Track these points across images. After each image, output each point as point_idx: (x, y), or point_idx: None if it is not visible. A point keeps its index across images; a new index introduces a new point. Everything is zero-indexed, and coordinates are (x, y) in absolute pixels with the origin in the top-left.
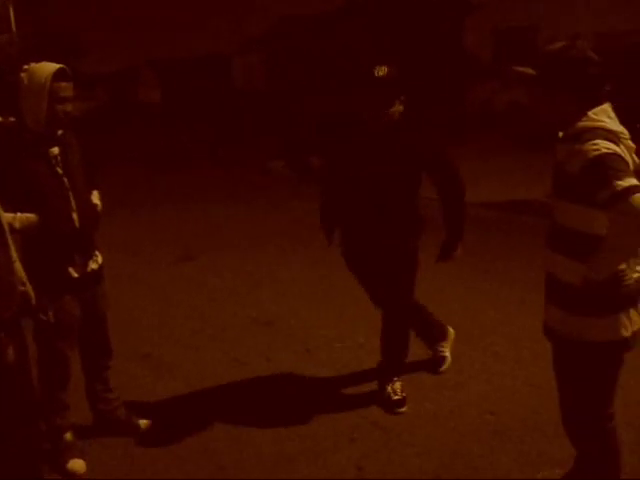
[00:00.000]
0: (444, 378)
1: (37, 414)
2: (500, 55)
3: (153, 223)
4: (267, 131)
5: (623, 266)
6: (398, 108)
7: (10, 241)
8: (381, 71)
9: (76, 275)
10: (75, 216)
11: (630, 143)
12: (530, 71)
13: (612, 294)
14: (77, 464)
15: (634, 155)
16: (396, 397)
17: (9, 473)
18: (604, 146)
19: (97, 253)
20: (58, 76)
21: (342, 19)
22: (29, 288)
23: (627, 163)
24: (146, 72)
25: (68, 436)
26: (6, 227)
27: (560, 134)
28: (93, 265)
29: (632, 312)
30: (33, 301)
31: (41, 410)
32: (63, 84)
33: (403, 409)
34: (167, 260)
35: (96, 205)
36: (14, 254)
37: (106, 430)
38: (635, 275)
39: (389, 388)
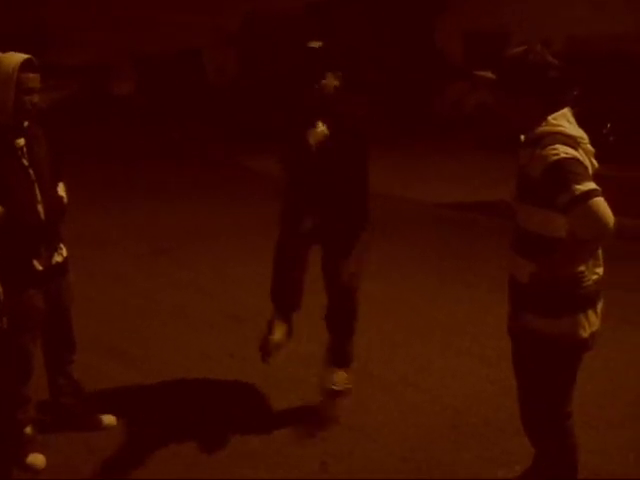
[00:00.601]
0: (407, 375)
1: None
2: (471, 56)
3: (123, 216)
4: (241, 125)
5: (582, 268)
6: (332, 82)
7: None
8: (315, 44)
9: (41, 268)
10: (40, 208)
11: (589, 147)
12: (491, 75)
13: (571, 295)
14: (37, 459)
15: (593, 159)
16: (336, 388)
17: None
18: (563, 151)
19: (62, 246)
20: (25, 67)
21: (311, 16)
22: None
23: (586, 167)
24: (120, 65)
25: (28, 430)
26: None
27: (522, 138)
28: (58, 258)
29: (590, 313)
30: (1, 296)
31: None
32: (30, 75)
33: (344, 401)
34: (138, 254)
35: (62, 197)
36: None
37: (68, 424)
38: (594, 277)
39: (333, 377)
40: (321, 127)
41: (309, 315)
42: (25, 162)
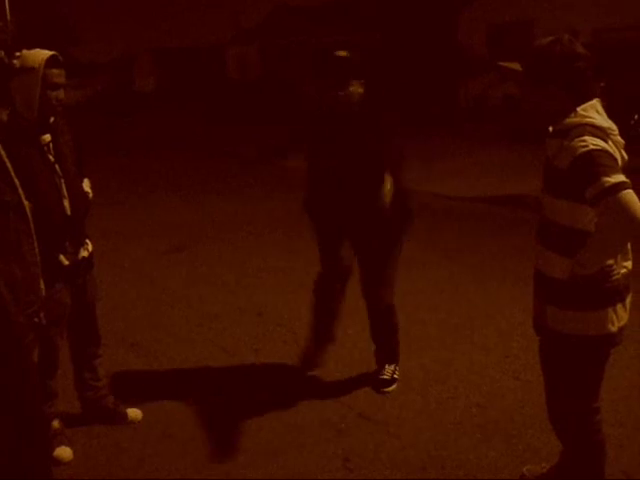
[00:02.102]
0: (432, 370)
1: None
2: (495, 50)
3: (146, 212)
4: (261, 121)
5: (611, 261)
6: (357, 89)
7: (33, 231)
8: (341, 52)
9: (67, 263)
10: (66, 203)
11: (619, 139)
12: (517, 67)
13: (600, 289)
14: (64, 452)
15: (623, 151)
16: (383, 377)
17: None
18: (592, 142)
19: (87, 241)
20: (51, 63)
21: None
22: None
23: (615, 159)
24: (142, 61)
25: (55, 424)
26: (30, 216)
27: (550, 129)
28: (84, 253)
29: (619, 307)
30: (43, 292)
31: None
32: (56, 71)
33: (389, 388)
34: (160, 249)
35: (87, 193)
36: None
37: (94, 418)
38: (622, 271)
39: (384, 370)
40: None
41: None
42: (51, 158)
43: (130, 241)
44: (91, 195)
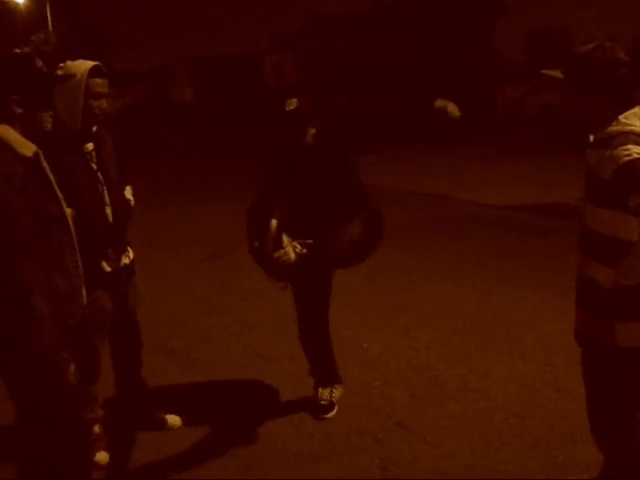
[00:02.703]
0: (470, 380)
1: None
2: (532, 57)
3: (183, 220)
4: None
5: None
6: (311, 132)
7: (76, 242)
8: (291, 105)
9: (109, 269)
10: (108, 211)
11: None
12: (558, 74)
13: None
14: (103, 457)
15: None
16: (322, 402)
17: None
18: (635, 151)
19: (129, 248)
20: (93, 73)
21: (369, 20)
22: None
23: None
24: (179, 72)
25: (96, 429)
26: (72, 227)
27: (591, 138)
28: (125, 260)
29: None
30: (85, 301)
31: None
32: (99, 80)
33: (329, 415)
34: (197, 257)
35: (129, 200)
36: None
37: (133, 424)
38: None
39: (320, 394)
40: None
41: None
42: (94, 166)
43: (168, 249)
44: (133, 202)
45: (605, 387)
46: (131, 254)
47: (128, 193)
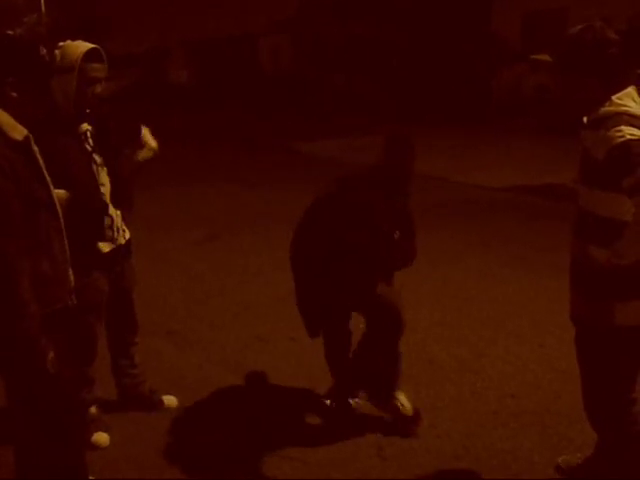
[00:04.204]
0: (466, 360)
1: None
2: (529, 38)
3: (181, 201)
4: (294, 111)
5: None
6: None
7: (63, 227)
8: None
9: (105, 250)
10: (104, 191)
11: None
12: (547, 58)
13: (636, 279)
14: (101, 437)
15: None
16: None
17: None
18: (628, 132)
19: (125, 228)
20: (90, 56)
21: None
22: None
23: None
24: (175, 54)
25: (93, 410)
26: (60, 212)
27: (585, 119)
28: (121, 240)
29: None
30: (72, 284)
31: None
32: (94, 65)
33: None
34: (195, 239)
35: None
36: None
37: (130, 405)
38: None
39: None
40: None
41: None
42: (88, 147)
43: (165, 231)
44: (155, 144)
45: (601, 366)
46: (127, 234)
47: (147, 135)
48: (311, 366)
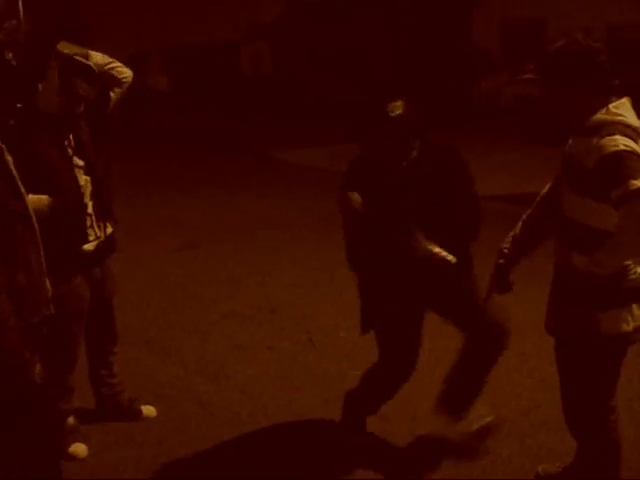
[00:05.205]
0: (445, 370)
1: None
2: (508, 48)
3: (160, 209)
4: (275, 118)
5: (628, 262)
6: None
7: (39, 239)
8: (396, 109)
9: (92, 249)
10: (85, 192)
11: None
12: (533, 76)
13: (615, 289)
14: (79, 448)
15: None
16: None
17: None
18: (622, 142)
19: (107, 224)
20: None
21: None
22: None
23: None
24: (154, 59)
25: (71, 420)
26: (35, 225)
27: (576, 127)
28: (102, 234)
29: (635, 307)
30: (49, 295)
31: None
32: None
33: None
34: (173, 247)
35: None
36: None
37: (108, 415)
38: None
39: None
40: None
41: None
42: (69, 151)
43: (143, 238)
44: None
45: (582, 375)
46: (109, 228)
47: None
48: (290, 376)
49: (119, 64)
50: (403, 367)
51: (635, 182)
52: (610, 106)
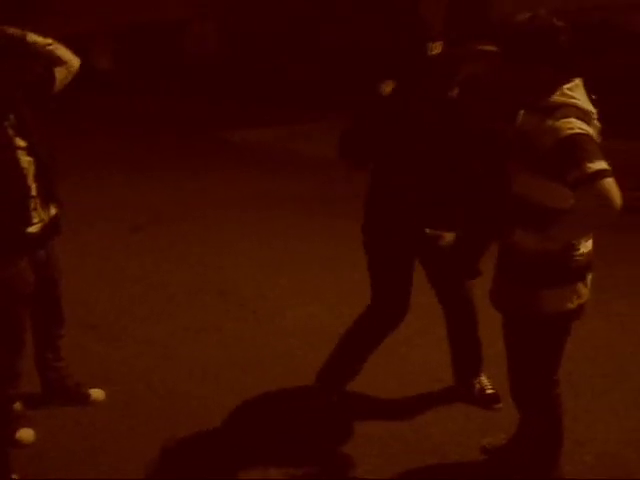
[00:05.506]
0: (393, 346)
1: None
2: (451, 21)
3: (106, 191)
4: (222, 98)
5: (575, 241)
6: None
7: None
8: (435, 48)
9: (36, 231)
10: (27, 173)
11: (597, 123)
12: (491, 48)
13: (562, 267)
14: (26, 433)
15: (599, 136)
16: (489, 391)
17: None
18: (578, 126)
19: (52, 206)
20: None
21: None
22: None
23: (597, 145)
24: (98, 38)
25: (17, 405)
26: None
27: (527, 105)
28: (45, 217)
29: (580, 285)
30: None
31: None
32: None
33: (499, 405)
34: (120, 229)
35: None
36: None
37: (55, 399)
38: (585, 250)
39: (477, 384)
40: None
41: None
42: (10, 131)
43: (89, 221)
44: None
45: (528, 351)
46: (53, 210)
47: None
48: (239, 356)
49: (60, 45)
50: (394, 308)
51: (591, 165)
52: (564, 87)
